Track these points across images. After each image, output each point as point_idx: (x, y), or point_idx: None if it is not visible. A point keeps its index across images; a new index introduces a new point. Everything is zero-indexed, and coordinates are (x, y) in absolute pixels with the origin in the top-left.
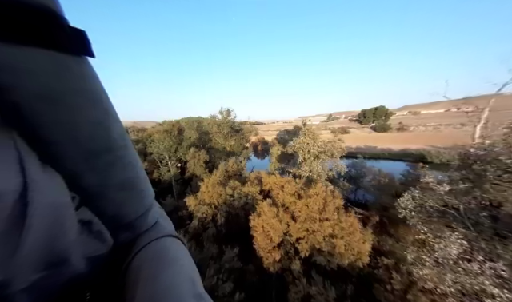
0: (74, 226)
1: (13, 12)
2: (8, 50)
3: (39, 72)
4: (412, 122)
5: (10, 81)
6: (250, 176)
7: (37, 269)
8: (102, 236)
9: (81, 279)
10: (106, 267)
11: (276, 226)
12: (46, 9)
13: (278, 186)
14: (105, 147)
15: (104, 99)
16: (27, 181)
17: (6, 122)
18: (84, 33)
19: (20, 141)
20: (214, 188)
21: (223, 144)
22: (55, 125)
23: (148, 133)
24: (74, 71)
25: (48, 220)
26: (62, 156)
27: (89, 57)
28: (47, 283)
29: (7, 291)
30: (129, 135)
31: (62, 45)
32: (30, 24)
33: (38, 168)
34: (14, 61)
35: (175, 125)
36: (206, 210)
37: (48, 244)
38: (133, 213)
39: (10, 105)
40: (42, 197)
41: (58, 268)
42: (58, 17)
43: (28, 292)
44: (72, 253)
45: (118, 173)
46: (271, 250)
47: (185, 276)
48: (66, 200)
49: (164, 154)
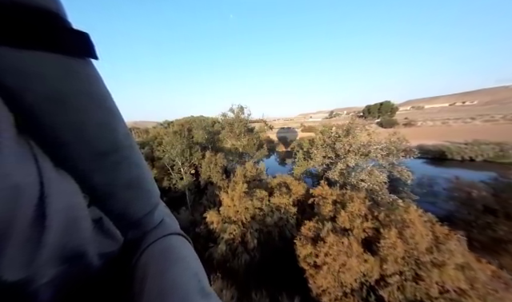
0: (87, 224)
1: (18, 16)
2: (15, 54)
3: (46, 75)
4: (418, 117)
5: (19, 85)
6: (271, 182)
7: (56, 265)
8: (112, 233)
9: (94, 274)
10: (116, 263)
11: (352, 265)
12: (50, 13)
13: (329, 201)
14: (111, 147)
15: (109, 100)
16: (44, 182)
17: (19, 125)
18: (87, 36)
19: (33, 143)
20: (241, 201)
21: (235, 144)
22: (63, 126)
23: (153, 135)
24: (79, 73)
25: (65, 218)
26: (70, 158)
27: (92, 59)
28: (65, 277)
29: (33, 285)
30: (133, 136)
31: (67, 49)
32: (36, 28)
33: (52, 169)
34: (21, 64)
35: (184, 124)
36: (234, 230)
37: (66, 241)
38: (139, 212)
39: (22, 109)
40: (58, 197)
41: (74, 263)
42: (63, 21)
43: (49, 286)
44: (86, 250)
45: (124, 173)
46: (342, 297)
47: (191, 273)
48: (79, 200)
49: (176, 160)
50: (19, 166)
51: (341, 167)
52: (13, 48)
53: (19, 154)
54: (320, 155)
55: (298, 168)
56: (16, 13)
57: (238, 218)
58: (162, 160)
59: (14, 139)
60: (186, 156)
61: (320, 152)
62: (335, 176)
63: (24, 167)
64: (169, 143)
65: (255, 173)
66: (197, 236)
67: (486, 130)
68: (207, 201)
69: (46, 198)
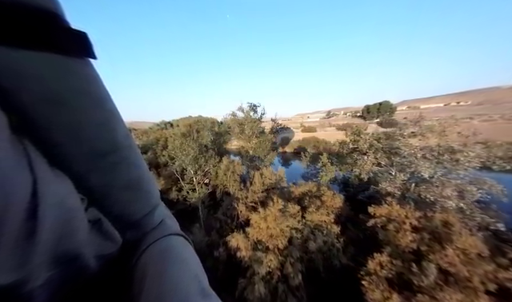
0: (83, 225)
1: (16, 16)
2: (12, 54)
3: (43, 75)
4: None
5: (14, 85)
6: (295, 190)
7: (50, 267)
8: (111, 234)
9: (92, 275)
10: (115, 264)
11: None
12: (48, 13)
13: (407, 226)
14: (110, 148)
15: (108, 100)
16: (37, 183)
17: (14, 125)
18: (86, 36)
19: (28, 143)
20: (277, 223)
21: (245, 146)
22: (61, 127)
23: (155, 137)
24: (78, 73)
25: (58, 219)
26: (68, 158)
27: (91, 59)
28: (61, 279)
29: (27, 287)
30: (132, 137)
31: (65, 48)
32: (33, 28)
33: (47, 169)
34: (17, 65)
35: (192, 125)
36: (271, 260)
37: (60, 242)
38: (139, 212)
39: (17, 109)
40: (51, 198)
41: (70, 265)
42: (61, 21)
43: (44, 289)
44: (83, 251)
45: (123, 173)
46: None
47: (191, 273)
48: (74, 201)
49: (189, 168)
50: (10, 166)
51: (402, 178)
52: (9, 48)
53: (11, 154)
54: (370, 161)
55: (326, 175)
56: (13, 13)
57: (273, 244)
58: (168, 167)
59: (7, 139)
60: (201, 163)
61: (371, 157)
62: (391, 187)
63: (16, 167)
64: (178, 147)
65: (274, 180)
66: (215, 261)
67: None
68: (224, 216)
69: (38, 198)
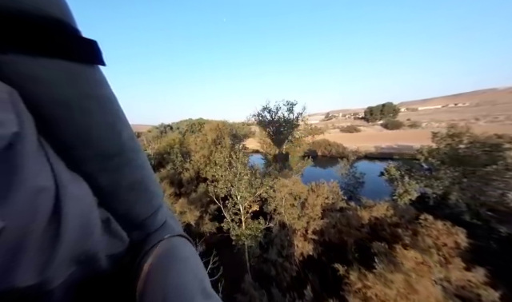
0: (98, 225)
1: (33, 26)
2: (29, 61)
3: (57, 81)
4: (417, 119)
5: (31, 90)
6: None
7: (69, 267)
8: (119, 234)
9: (102, 274)
10: (121, 264)
11: None
12: (62, 23)
13: None
14: (117, 150)
15: (115, 104)
16: (59, 186)
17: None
18: (96, 44)
19: (46, 145)
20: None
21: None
22: (72, 129)
23: (168, 143)
24: (88, 79)
25: (78, 219)
26: (78, 159)
27: (100, 65)
28: (77, 278)
29: (50, 286)
30: (137, 139)
31: (77, 56)
32: (49, 37)
33: (66, 172)
34: (34, 70)
35: (216, 128)
36: None
37: (79, 242)
38: (143, 213)
39: (36, 114)
40: (72, 200)
41: (86, 264)
42: (73, 30)
43: (62, 287)
44: (97, 250)
45: (128, 175)
46: None
47: (193, 274)
48: (91, 201)
49: (239, 196)
50: (39, 170)
51: None
52: (27, 55)
53: (39, 157)
54: None
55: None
56: (31, 23)
57: None
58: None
59: (35, 142)
60: (256, 187)
61: None
62: None
63: (43, 170)
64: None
65: (331, 200)
66: None
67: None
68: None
69: (60, 201)
